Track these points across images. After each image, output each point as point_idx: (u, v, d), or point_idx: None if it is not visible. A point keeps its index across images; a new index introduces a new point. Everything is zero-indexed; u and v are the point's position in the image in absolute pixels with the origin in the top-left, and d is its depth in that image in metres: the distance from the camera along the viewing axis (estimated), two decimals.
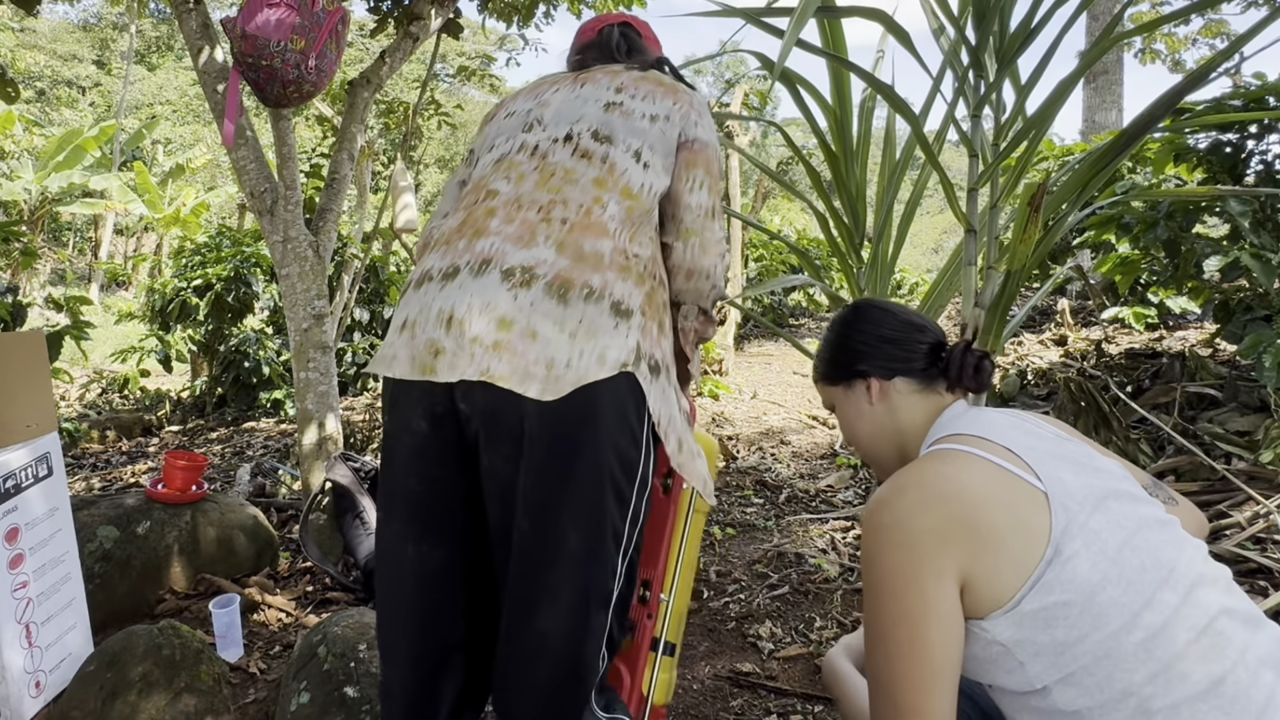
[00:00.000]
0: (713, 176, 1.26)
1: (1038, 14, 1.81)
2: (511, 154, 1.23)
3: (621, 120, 1.22)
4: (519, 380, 1.01)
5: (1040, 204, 1.73)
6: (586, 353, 1.03)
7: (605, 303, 1.06)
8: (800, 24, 1.43)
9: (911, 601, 0.86)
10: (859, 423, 1.13)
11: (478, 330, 1.03)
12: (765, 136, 24.61)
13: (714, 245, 1.25)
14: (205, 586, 2.34)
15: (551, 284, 1.05)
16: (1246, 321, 2.75)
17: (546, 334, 1.03)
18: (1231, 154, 2.98)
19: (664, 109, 1.25)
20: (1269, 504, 2.37)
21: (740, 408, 5.39)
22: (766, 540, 2.85)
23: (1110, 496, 0.91)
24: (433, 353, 1.05)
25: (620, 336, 1.05)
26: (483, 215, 1.15)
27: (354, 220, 7.39)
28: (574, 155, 1.19)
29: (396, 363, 1.08)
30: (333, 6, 2.66)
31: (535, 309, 1.04)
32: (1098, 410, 3.01)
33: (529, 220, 1.12)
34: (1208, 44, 12.63)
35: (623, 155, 1.19)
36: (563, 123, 1.24)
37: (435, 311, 1.06)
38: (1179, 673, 0.81)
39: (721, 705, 1.83)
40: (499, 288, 1.05)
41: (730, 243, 7.51)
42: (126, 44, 23.73)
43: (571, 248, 1.09)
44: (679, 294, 1.25)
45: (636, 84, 1.28)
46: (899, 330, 1.13)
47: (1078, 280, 5.92)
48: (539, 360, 1.01)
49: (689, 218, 1.23)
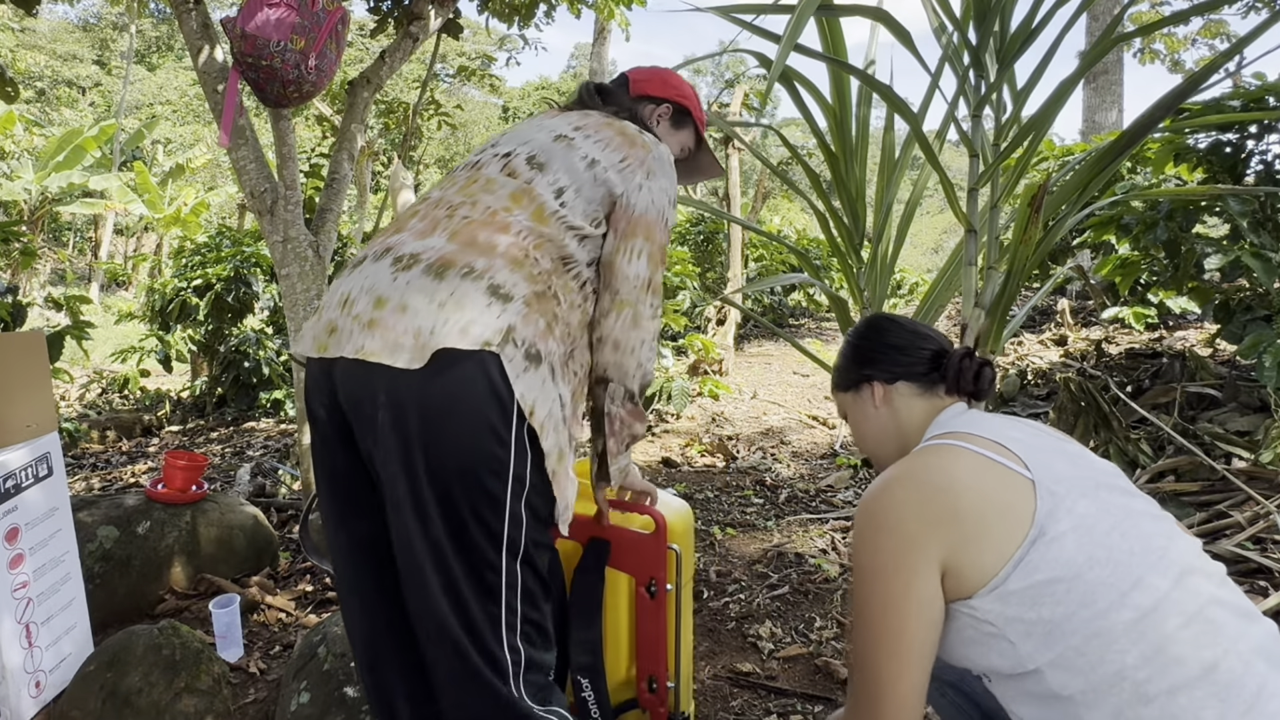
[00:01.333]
0: (654, 244, 1.22)
1: (1038, 14, 1.81)
2: (458, 170, 1.29)
3: (563, 153, 1.22)
4: (389, 353, 1.01)
5: (1040, 204, 1.73)
6: (451, 323, 1.02)
7: (483, 282, 1.06)
8: (799, 26, 1.43)
9: (897, 588, 0.91)
10: (865, 425, 1.20)
11: (360, 309, 1.07)
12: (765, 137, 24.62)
13: (647, 321, 1.21)
14: (205, 586, 2.34)
15: (432, 264, 1.08)
16: (1246, 321, 2.75)
17: (416, 305, 1.04)
18: (1231, 154, 2.98)
19: (610, 159, 1.23)
20: (1269, 504, 2.37)
21: (740, 408, 5.39)
22: (766, 540, 2.85)
23: (1102, 487, 0.94)
24: (328, 331, 1.10)
25: (491, 315, 1.03)
26: (407, 216, 1.22)
27: (354, 220, 7.40)
28: (502, 171, 1.22)
29: (302, 339, 1.15)
30: (333, 6, 2.66)
31: (410, 286, 1.06)
32: (1098, 410, 3.01)
33: (435, 217, 1.17)
34: (1207, 44, 12.64)
35: (545, 187, 1.19)
36: (511, 143, 1.27)
37: (339, 296, 1.12)
38: (1173, 656, 0.83)
39: (721, 705, 1.83)
40: (386, 271, 1.10)
41: (730, 242, 7.51)
42: (126, 44, 23.72)
43: (464, 236, 1.11)
44: (605, 368, 1.22)
45: (599, 128, 1.28)
46: (903, 338, 1.19)
47: (1078, 280, 5.92)
48: (407, 330, 1.02)
49: (625, 288, 1.19)
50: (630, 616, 1.43)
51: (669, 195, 1.27)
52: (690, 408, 5.19)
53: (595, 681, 1.37)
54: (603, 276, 1.21)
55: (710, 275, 9.18)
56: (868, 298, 2.23)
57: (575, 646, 1.37)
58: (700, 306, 7.06)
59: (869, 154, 2.24)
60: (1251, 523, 2.37)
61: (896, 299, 12.12)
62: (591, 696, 1.36)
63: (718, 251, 9.36)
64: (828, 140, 2.16)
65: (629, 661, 1.45)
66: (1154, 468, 2.77)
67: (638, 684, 1.43)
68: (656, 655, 1.41)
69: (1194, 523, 2.46)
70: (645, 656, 1.42)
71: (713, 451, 4.19)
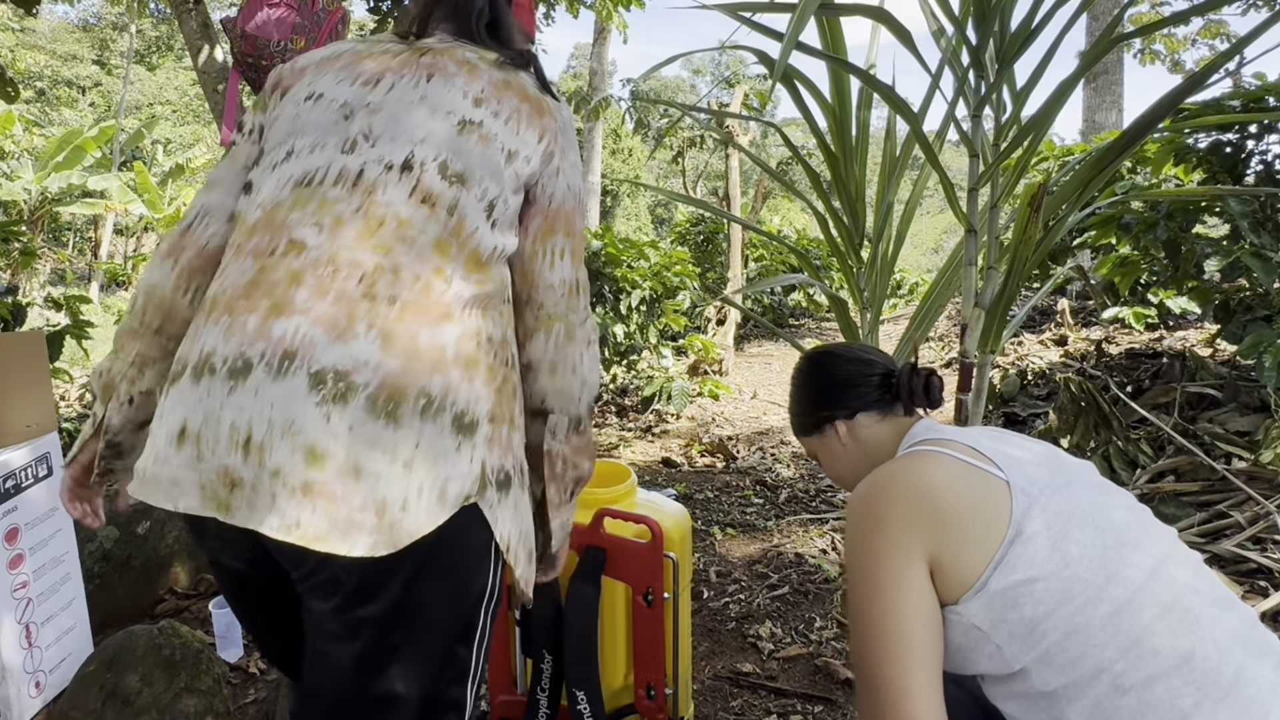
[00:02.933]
0: (575, 238, 0.99)
1: (1038, 14, 1.81)
2: (325, 180, 0.89)
3: (480, 149, 0.92)
4: (339, 537, 0.76)
5: (1040, 204, 1.73)
6: (426, 489, 0.79)
7: (446, 416, 0.82)
8: (800, 24, 1.42)
9: (882, 577, 0.92)
10: (838, 464, 1.21)
11: (279, 462, 0.77)
12: (765, 136, 24.62)
13: (579, 329, 0.99)
14: (205, 586, 2.34)
15: (376, 398, 0.79)
16: (1246, 321, 2.75)
17: (374, 469, 0.78)
18: (1231, 154, 2.98)
19: (526, 144, 0.95)
20: (1269, 504, 2.37)
21: (740, 408, 5.39)
22: (766, 540, 2.85)
23: (1075, 484, 0.97)
24: (228, 485, 0.78)
25: (464, 461, 0.83)
26: (284, 280, 0.84)
27: None
28: (412, 198, 0.88)
29: (180, 492, 0.81)
30: (333, 6, 2.66)
31: (356, 435, 0.78)
32: (1098, 410, 3.01)
33: (347, 295, 0.82)
34: (1207, 45, 12.65)
35: (475, 206, 0.90)
36: (400, 141, 0.91)
37: (227, 427, 0.79)
38: (1149, 648, 0.84)
39: (721, 705, 1.83)
40: (305, 401, 0.78)
41: (730, 242, 7.52)
42: (126, 44, 23.72)
43: (403, 341, 0.82)
44: (542, 398, 0.98)
45: (500, 94, 0.96)
46: (850, 370, 1.21)
47: (1078, 280, 5.92)
48: (365, 505, 0.77)
49: (550, 300, 0.96)
50: (627, 624, 1.42)
51: (578, 168, 1.03)
52: (690, 408, 5.19)
53: (590, 693, 1.36)
54: (518, 286, 0.97)
55: (710, 275, 9.18)
56: (867, 298, 2.23)
57: (570, 658, 1.36)
58: (700, 306, 7.07)
59: (869, 154, 2.23)
60: (1251, 523, 2.37)
61: (896, 299, 12.12)
62: (587, 709, 1.36)
63: (718, 251, 9.36)
64: (828, 140, 2.16)
65: (627, 668, 1.44)
66: (1154, 468, 2.77)
67: (636, 690, 1.43)
68: (654, 662, 1.40)
69: (1194, 523, 2.46)
70: (643, 664, 1.41)
71: (713, 451, 4.19)
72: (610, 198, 27.59)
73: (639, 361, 5.35)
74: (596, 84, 12.52)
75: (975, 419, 1.91)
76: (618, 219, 27.96)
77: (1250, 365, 3.14)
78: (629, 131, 11.27)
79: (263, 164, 0.95)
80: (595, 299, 4.78)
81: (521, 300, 0.97)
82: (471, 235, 0.90)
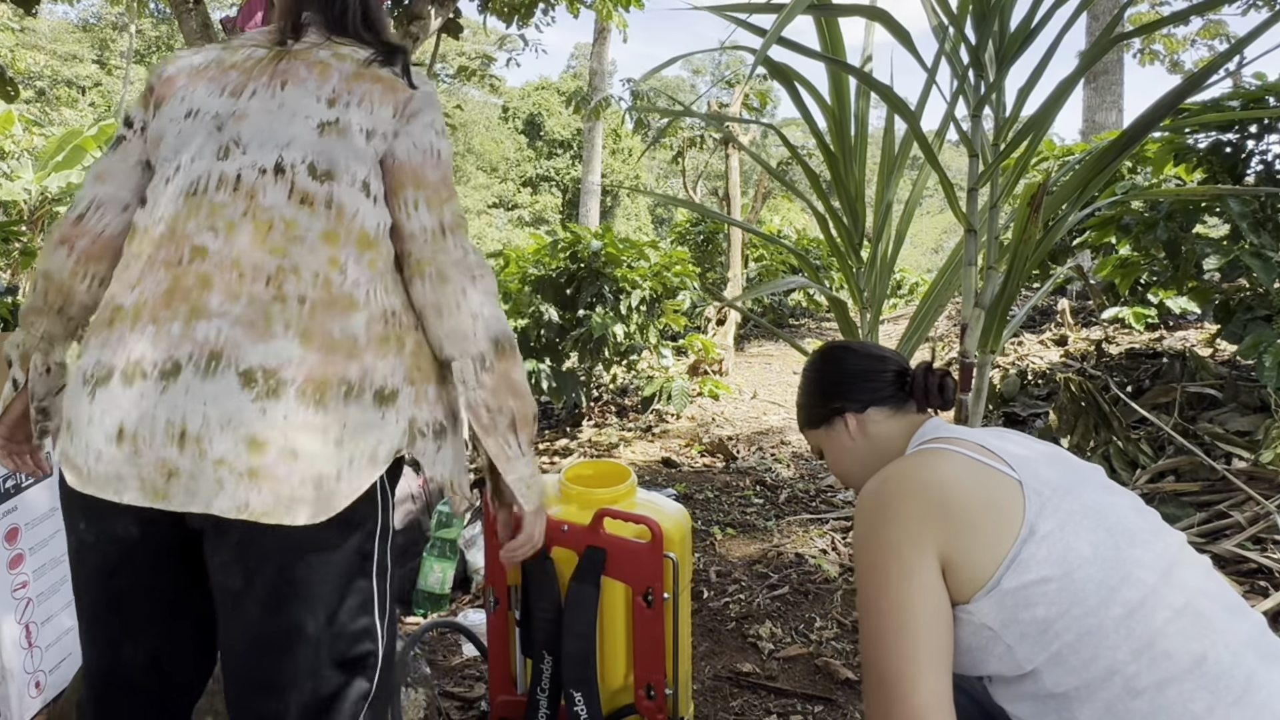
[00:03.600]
0: (429, 188, 1.04)
1: (1038, 14, 1.81)
2: (209, 188, 0.97)
3: (340, 143, 0.99)
4: (284, 510, 0.88)
5: (1040, 204, 1.73)
6: (357, 458, 0.91)
7: (367, 395, 0.93)
8: (786, 19, 1.42)
9: (892, 572, 0.92)
10: (845, 458, 1.20)
11: (222, 452, 0.87)
12: (765, 136, 24.62)
13: (456, 268, 1.02)
14: None
15: (304, 390, 0.90)
16: (1247, 321, 2.75)
17: (309, 450, 0.89)
18: (1231, 154, 2.98)
19: (381, 120, 1.02)
20: (1269, 504, 2.37)
21: (740, 408, 5.39)
22: (766, 540, 2.85)
23: (1085, 485, 0.96)
24: (165, 475, 0.88)
25: (390, 425, 0.95)
26: (196, 285, 0.92)
27: None
28: (291, 199, 0.97)
29: (124, 486, 0.89)
30: None
31: (290, 423, 0.89)
32: (1098, 410, 3.01)
33: (258, 298, 0.92)
34: (1206, 45, 12.65)
35: (349, 191, 0.99)
36: (269, 147, 0.98)
37: (163, 423, 0.88)
38: (1162, 650, 0.84)
39: (721, 705, 1.83)
40: (240, 397, 0.88)
41: (730, 242, 7.51)
42: (126, 44, 23.73)
43: (318, 336, 0.92)
44: (440, 346, 1.02)
45: (350, 85, 1.02)
46: (865, 364, 1.20)
47: (1078, 280, 5.92)
48: (305, 481, 0.88)
49: (415, 247, 1.02)
50: (627, 625, 1.42)
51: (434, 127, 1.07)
52: (690, 408, 5.19)
53: (588, 694, 1.36)
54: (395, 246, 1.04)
55: (710, 275, 9.18)
56: (867, 298, 2.23)
57: (568, 660, 1.36)
58: (700, 307, 7.07)
59: (868, 154, 2.24)
60: (1251, 523, 2.37)
61: (896, 299, 12.12)
62: (584, 711, 1.36)
63: (718, 251, 9.36)
64: (827, 140, 2.17)
65: (626, 669, 1.44)
66: (1154, 468, 2.77)
67: (636, 691, 1.43)
68: (654, 663, 1.40)
69: (1194, 523, 2.46)
70: (643, 664, 1.41)
71: (713, 451, 4.19)
72: (610, 198, 27.60)
73: (639, 361, 5.36)
74: (596, 84, 12.52)
75: (975, 419, 1.91)
76: (618, 219, 27.98)
77: (1250, 365, 3.14)
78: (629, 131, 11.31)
79: (155, 179, 1.03)
80: (595, 299, 4.78)
81: (400, 254, 1.04)
82: (354, 218, 0.99)
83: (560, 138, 30.21)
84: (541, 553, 1.38)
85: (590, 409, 5.25)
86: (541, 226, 23.14)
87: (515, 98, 31.29)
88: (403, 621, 2.28)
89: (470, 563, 2.48)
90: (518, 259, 5.16)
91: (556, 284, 4.95)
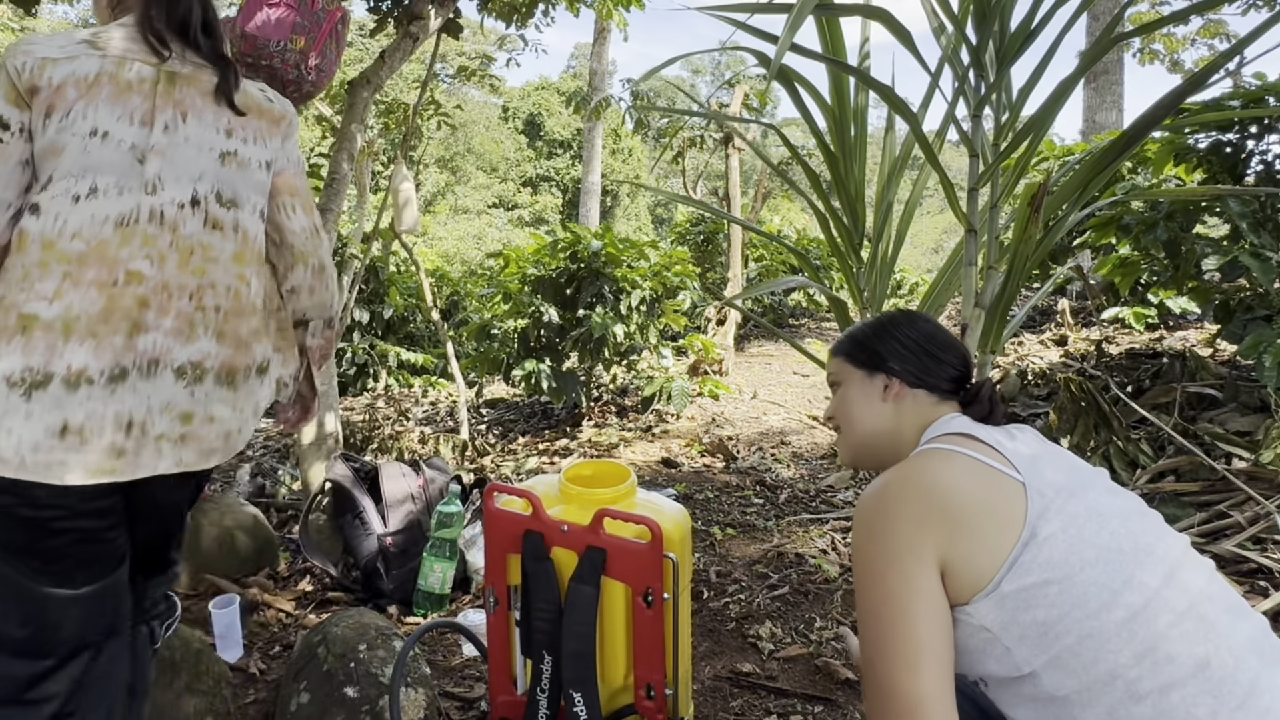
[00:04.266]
0: (302, 195, 1.34)
1: (1038, 14, 1.81)
2: (139, 220, 1.14)
3: (240, 175, 1.25)
4: (204, 459, 1.18)
5: (1040, 204, 1.73)
6: (249, 415, 1.25)
7: (255, 372, 1.26)
8: (797, 24, 1.42)
9: (893, 582, 0.91)
10: (863, 410, 1.17)
11: (163, 428, 1.14)
12: (765, 136, 24.61)
13: (328, 257, 1.39)
14: (205, 586, 2.34)
15: (220, 374, 1.20)
16: (1247, 321, 2.75)
17: (222, 415, 1.21)
18: (1231, 154, 2.98)
19: (273, 150, 1.30)
20: (1269, 504, 2.37)
21: (740, 408, 5.39)
22: (766, 540, 2.85)
23: (1089, 487, 0.96)
24: (114, 455, 1.09)
25: (266, 387, 1.29)
26: (134, 305, 1.12)
27: (354, 220, 7.40)
28: (205, 226, 1.20)
29: (66, 470, 1.06)
30: (333, 6, 2.66)
31: (210, 398, 1.19)
32: (1098, 410, 3.01)
33: (184, 311, 1.17)
34: (1206, 44, 12.64)
35: (250, 217, 1.27)
36: (184, 182, 1.19)
37: (111, 418, 1.09)
38: (1165, 654, 0.83)
39: (721, 705, 1.83)
40: (175, 387, 1.15)
41: (730, 242, 7.51)
42: None
43: (230, 336, 1.22)
44: (304, 312, 1.38)
45: (245, 125, 1.26)
46: (941, 349, 1.17)
47: (1078, 280, 5.92)
48: (219, 435, 1.20)
49: (299, 242, 1.33)
50: (627, 625, 1.42)
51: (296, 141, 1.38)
52: (690, 408, 5.19)
53: (587, 695, 1.36)
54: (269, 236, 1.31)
55: (710, 275, 9.18)
56: (867, 298, 2.23)
57: (568, 660, 1.36)
58: (700, 307, 7.06)
59: (869, 154, 2.24)
60: (1251, 523, 2.37)
61: (896, 299, 12.12)
62: (584, 712, 1.36)
63: (718, 251, 9.36)
64: (827, 140, 2.16)
65: (627, 669, 1.44)
66: (1154, 468, 2.77)
67: (635, 691, 1.43)
68: (654, 663, 1.40)
69: (1194, 523, 2.46)
70: (643, 665, 1.41)
71: (713, 452, 4.19)
72: (610, 198, 27.59)
73: (639, 361, 5.36)
74: (596, 84, 12.52)
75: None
76: (618, 219, 27.97)
77: (1250, 365, 3.14)
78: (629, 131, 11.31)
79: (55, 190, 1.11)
80: (595, 299, 4.78)
81: (275, 244, 1.32)
82: (255, 239, 1.27)
83: (560, 138, 30.20)
84: (542, 553, 1.40)
85: (590, 409, 5.25)
86: (541, 226, 23.12)
87: (515, 98, 31.29)
88: (403, 622, 2.28)
89: (470, 563, 2.48)
90: (518, 259, 5.16)
91: (556, 284, 4.95)
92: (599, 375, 5.50)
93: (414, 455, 4.17)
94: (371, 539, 2.46)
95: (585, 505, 1.44)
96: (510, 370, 4.87)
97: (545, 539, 1.42)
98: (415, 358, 7.09)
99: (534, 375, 4.70)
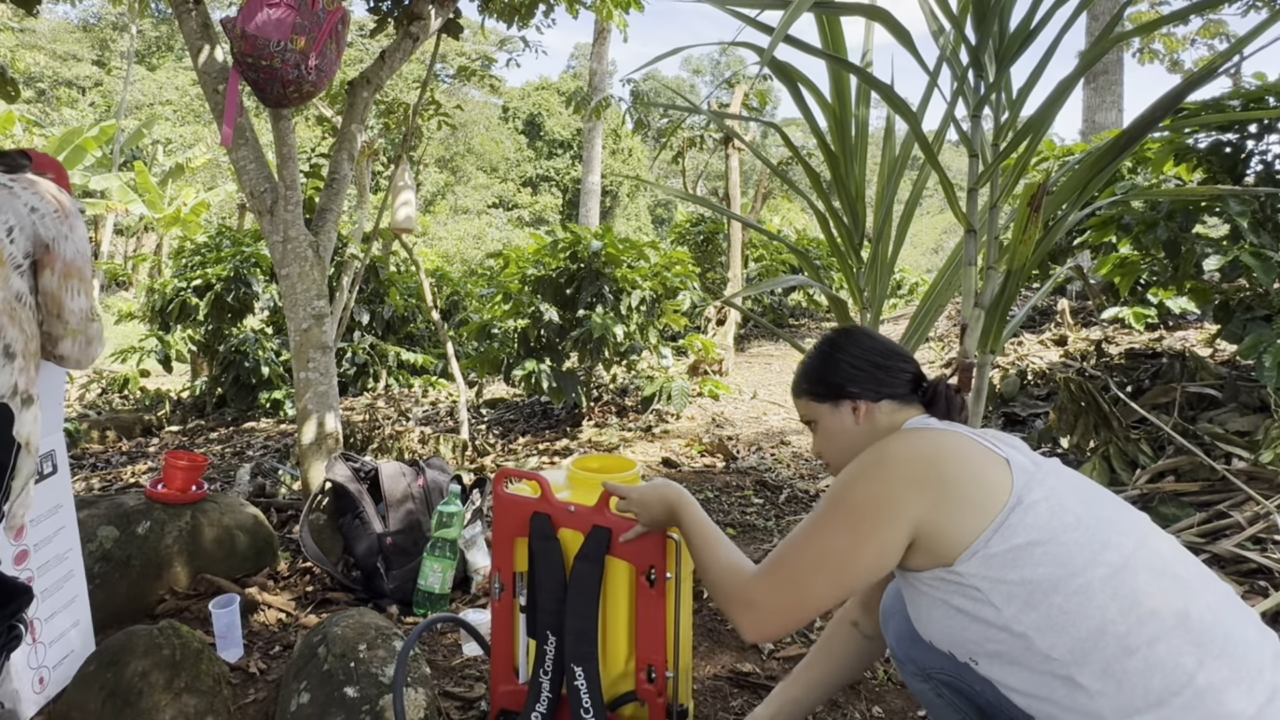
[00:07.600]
0: (86, 281, 1.58)
1: (1038, 14, 1.81)
2: None
3: (8, 199, 1.46)
4: None
5: (1040, 204, 1.73)
6: None
7: None
8: (792, 17, 1.42)
9: (864, 525, 1.01)
10: (840, 439, 1.23)
11: None
12: (765, 137, 24.62)
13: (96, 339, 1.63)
14: (205, 586, 2.34)
15: None
16: (1246, 321, 2.75)
17: None
18: (1231, 154, 2.98)
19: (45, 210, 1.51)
20: (1269, 504, 2.37)
21: (740, 408, 5.39)
22: (766, 540, 2.85)
23: (1060, 471, 1.06)
24: None
25: (6, 374, 1.39)
26: None
27: (354, 220, 7.40)
28: None
29: None
30: (333, 6, 2.66)
31: None
32: (1098, 410, 3.01)
33: None
34: (1206, 44, 12.64)
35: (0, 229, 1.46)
36: None
37: None
38: (1148, 609, 0.90)
39: (721, 705, 1.84)
40: None
41: (730, 242, 7.51)
42: (126, 44, 23.71)
43: None
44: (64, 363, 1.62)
45: (29, 184, 1.53)
46: (887, 357, 1.24)
47: (1078, 280, 5.92)
48: None
49: (74, 320, 1.55)
50: (630, 605, 1.45)
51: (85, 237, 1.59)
52: (690, 408, 5.19)
53: (588, 670, 1.39)
54: (47, 306, 1.52)
55: (710, 275, 9.18)
56: (867, 298, 2.23)
57: (570, 635, 1.40)
58: (700, 307, 7.06)
59: (869, 154, 2.23)
60: (1251, 523, 2.37)
61: (896, 299, 12.12)
62: (584, 685, 1.39)
63: (718, 251, 9.36)
64: (828, 140, 2.16)
65: (628, 654, 1.46)
66: (1154, 468, 2.77)
67: (636, 675, 1.45)
68: (655, 644, 1.42)
69: (1194, 523, 2.46)
70: (644, 645, 1.43)
71: (713, 452, 4.19)
72: (610, 198, 27.59)
73: (639, 362, 5.36)
74: (596, 84, 12.52)
75: (975, 419, 1.91)
76: (618, 219, 27.97)
77: (1250, 365, 3.14)
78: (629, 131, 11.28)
79: None
80: (595, 299, 4.78)
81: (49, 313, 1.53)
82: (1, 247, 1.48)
83: (560, 138, 30.20)
84: (549, 533, 1.45)
85: (590, 409, 5.25)
86: (541, 226, 23.12)
87: (515, 98, 31.29)
88: (403, 621, 2.29)
89: (470, 563, 2.48)
90: (518, 259, 5.16)
91: (556, 284, 4.95)
92: (599, 375, 5.50)
93: (414, 455, 4.17)
94: (371, 539, 2.46)
95: (592, 489, 1.48)
96: (510, 370, 4.87)
97: (553, 520, 1.46)
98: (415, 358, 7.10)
99: (534, 375, 4.70)
